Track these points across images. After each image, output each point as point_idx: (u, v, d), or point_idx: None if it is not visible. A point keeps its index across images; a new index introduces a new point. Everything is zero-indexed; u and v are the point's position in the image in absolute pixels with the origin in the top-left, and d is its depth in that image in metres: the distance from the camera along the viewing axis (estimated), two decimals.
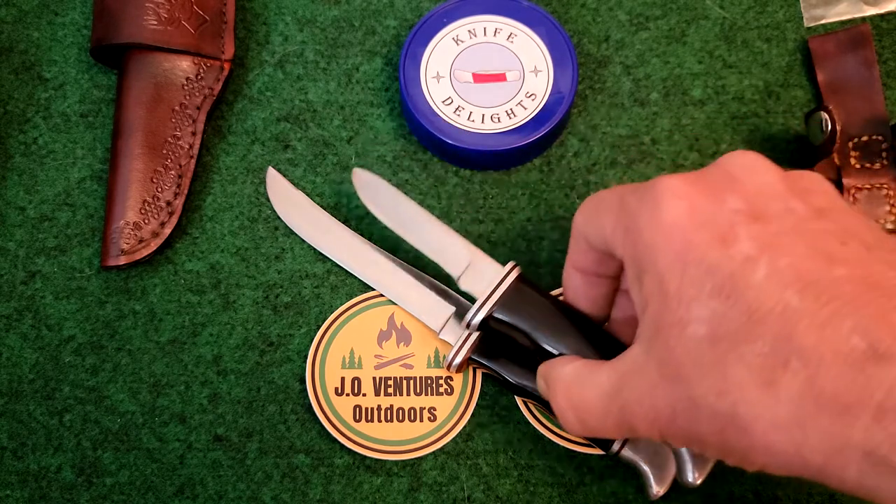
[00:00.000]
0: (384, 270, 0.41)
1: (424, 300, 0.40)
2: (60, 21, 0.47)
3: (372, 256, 0.41)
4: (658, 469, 0.36)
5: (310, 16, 0.47)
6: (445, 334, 0.40)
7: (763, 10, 0.47)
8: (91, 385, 0.41)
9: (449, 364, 0.39)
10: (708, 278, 0.25)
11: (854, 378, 0.23)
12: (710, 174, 0.28)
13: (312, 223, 0.42)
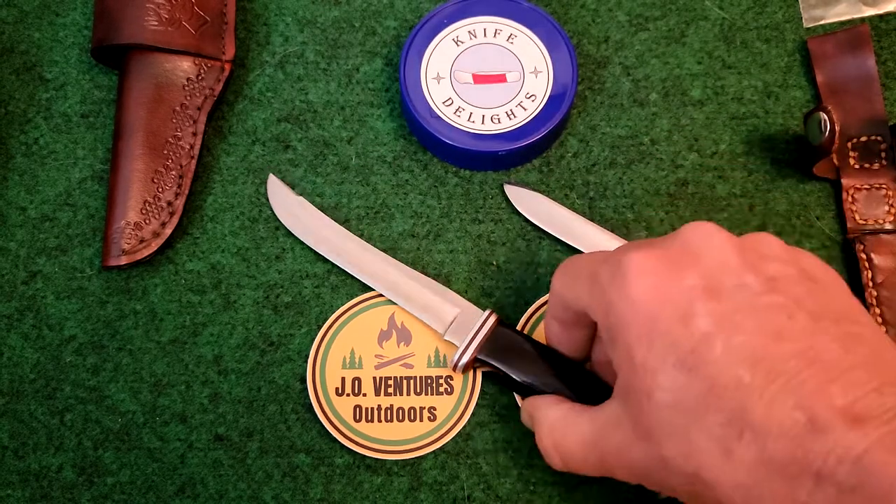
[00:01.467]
0: (387, 274, 0.42)
1: (429, 302, 0.41)
2: (61, 22, 0.47)
3: (375, 260, 0.42)
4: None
5: (310, 16, 0.47)
6: (451, 335, 0.40)
7: (762, 11, 0.47)
8: (92, 385, 0.41)
9: (455, 365, 0.39)
10: (671, 351, 0.28)
11: (796, 449, 0.26)
12: (672, 248, 0.30)
13: (316, 229, 0.43)
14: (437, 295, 0.41)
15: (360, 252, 0.42)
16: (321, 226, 0.43)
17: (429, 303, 0.41)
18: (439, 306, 0.41)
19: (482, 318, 0.39)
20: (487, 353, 0.39)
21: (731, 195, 0.44)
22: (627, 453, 0.30)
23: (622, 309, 0.29)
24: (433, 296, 0.41)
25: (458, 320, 0.40)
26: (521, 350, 0.38)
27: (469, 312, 0.40)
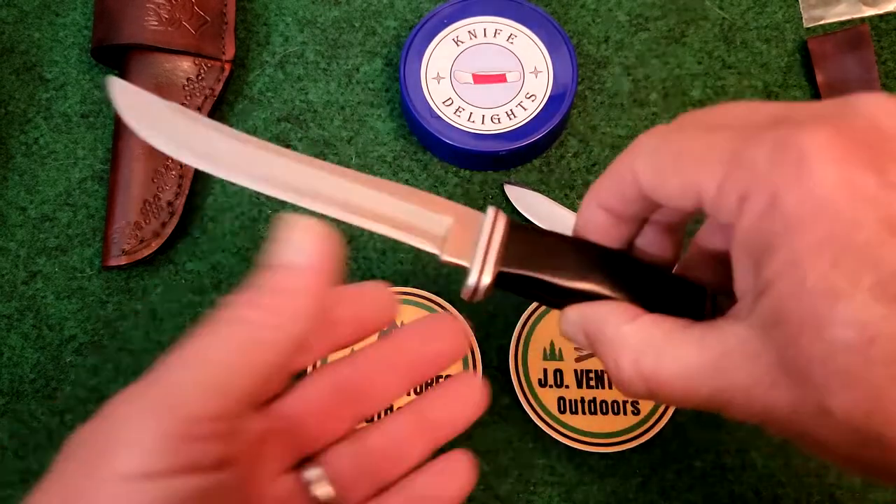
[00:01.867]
0: (332, 186, 0.28)
1: (405, 215, 0.29)
2: (61, 22, 0.47)
3: (307, 170, 0.28)
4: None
5: (310, 16, 0.47)
6: (452, 253, 0.28)
7: (762, 11, 0.47)
8: (92, 385, 0.41)
9: (474, 290, 0.28)
10: (868, 270, 0.21)
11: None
12: (856, 128, 0.22)
13: (199, 138, 0.29)
14: (414, 203, 0.29)
15: (280, 163, 0.28)
16: (207, 134, 0.29)
17: (405, 216, 0.28)
18: (423, 218, 0.29)
19: (488, 220, 0.29)
20: (513, 262, 0.28)
21: None
22: (763, 394, 0.23)
23: (796, 204, 0.22)
24: (409, 205, 0.29)
25: (454, 232, 0.29)
26: (557, 248, 0.29)
27: (467, 218, 0.29)
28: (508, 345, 0.41)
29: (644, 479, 0.39)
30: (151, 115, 0.28)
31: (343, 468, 0.27)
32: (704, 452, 0.40)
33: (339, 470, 0.27)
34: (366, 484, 0.27)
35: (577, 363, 0.40)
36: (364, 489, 0.27)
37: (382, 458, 0.27)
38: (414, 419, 0.28)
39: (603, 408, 0.40)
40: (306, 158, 0.28)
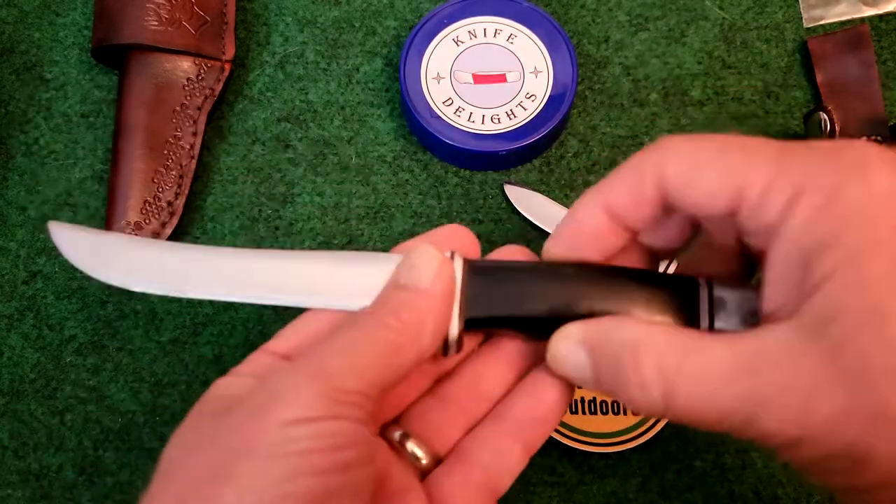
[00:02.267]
0: (285, 271, 0.28)
1: (357, 279, 0.27)
2: (61, 22, 0.47)
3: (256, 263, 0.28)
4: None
5: (310, 16, 0.47)
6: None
7: (762, 11, 0.47)
8: (92, 385, 0.41)
9: (445, 346, 0.27)
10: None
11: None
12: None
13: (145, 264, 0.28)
14: (360, 266, 0.28)
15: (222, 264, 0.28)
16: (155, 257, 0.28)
17: (359, 283, 0.27)
18: (372, 281, 0.27)
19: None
20: (478, 306, 0.27)
21: None
22: (805, 397, 0.22)
23: (857, 200, 0.22)
24: (356, 269, 0.28)
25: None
26: (522, 280, 0.27)
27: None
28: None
29: (644, 479, 0.39)
30: (96, 251, 0.29)
31: (428, 421, 0.28)
32: (704, 452, 0.40)
33: (422, 423, 0.28)
34: (454, 428, 0.28)
35: None
36: (453, 433, 0.28)
37: (464, 399, 0.28)
38: (490, 354, 0.29)
39: (603, 408, 0.40)
40: (235, 251, 0.29)
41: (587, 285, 0.27)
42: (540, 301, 0.27)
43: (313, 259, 0.28)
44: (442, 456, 0.28)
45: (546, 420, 0.28)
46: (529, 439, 0.28)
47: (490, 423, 0.28)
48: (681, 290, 0.27)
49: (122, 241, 0.29)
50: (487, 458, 0.27)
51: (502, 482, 0.27)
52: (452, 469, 0.27)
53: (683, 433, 0.40)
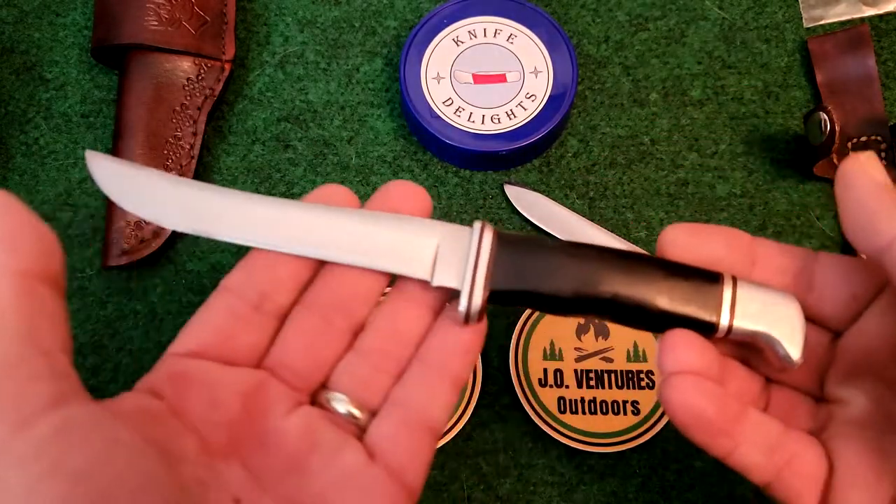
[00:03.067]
0: (315, 227, 0.28)
1: (389, 245, 0.28)
2: (61, 22, 0.47)
3: (289, 213, 0.28)
4: (787, 333, 0.27)
5: (310, 16, 0.47)
6: (442, 277, 0.28)
7: (762, 11, 0.47)
8: (92, 385, 0.41)
9: (466, 314, 0.27)
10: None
11: None
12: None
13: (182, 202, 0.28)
14: (397, 231, 0.28)
15: (265, 210, 0.28)
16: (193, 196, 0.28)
17: (390, 246, 0.28)
18: (408, 245, 0.28)
19: (475, 236, 0.28)
20: (504, 278, 0.27)
21: (731, 195, 0.44)
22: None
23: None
24: (392, 234, 0.28)
25: (441, 253, 0.28)
26: (550, 255, 0.27)
27: (453, 237, 0.28)
28: (508, 345, 0.41)
29: (644, 479, 0.39)
30: (135, 187, 0.28)
31: (354, 377, 0.28)
32: (704, 452, 0.39)
33: (350, 380, 0.28)
34: (383, 378, 0.28)
35: (577, 363, 0.41)
36: (384, 383, 0.28)
37: (386, 348, 0.28)
38: (401, 298, 0.29)
39: (603, 408, 0.40)
40: (280, 201, 0.28)
41: (613, 268, 0.27)
42: (566, 280, 0.27)
43: (358, 218, 0.28)
44: (376, 408, 0.28)
45: (468, 350, 0.28)
46: (456, 373, 0.28)
47: (416, 365, 0.28)
48: (705, 284, 0.27)
49: (162, 178, 0.28)
50: (419, 398, 0.27)
51: (439, 418, 0.27)
52: (389, 415, 0.27)
53: None
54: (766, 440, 0.26)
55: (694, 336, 0.26)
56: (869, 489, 0.26)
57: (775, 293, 0.27)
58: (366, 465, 0.26)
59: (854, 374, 0.27)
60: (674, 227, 0.28)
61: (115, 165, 0.28)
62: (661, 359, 0.26)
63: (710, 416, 0.25)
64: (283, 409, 0.27)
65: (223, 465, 0.25)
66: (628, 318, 0.28)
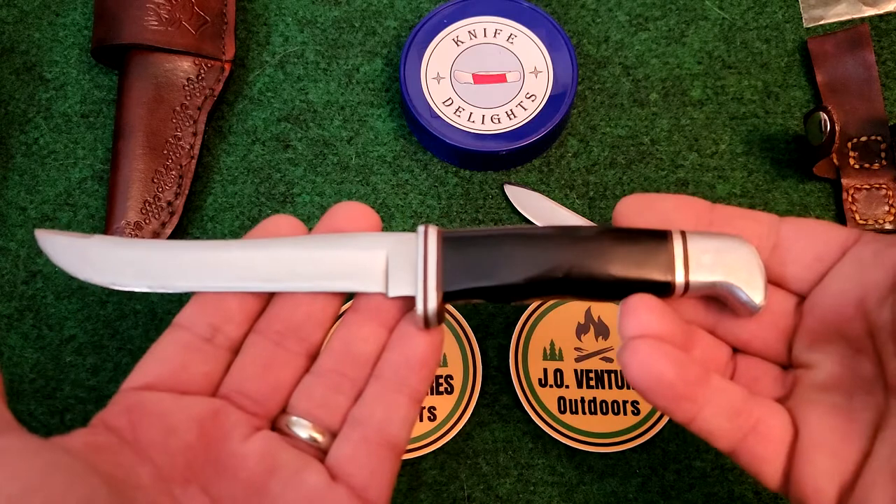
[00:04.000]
0: (268, 260, 0.28)
1: (339, 266, 0.28)
2: (61, 22, 0.47)
3: (238, 256, 0.29)
4: (746, 278, 0.27)
5: (310, 16, 0.47)
6: (396, 287, 0.28)
7: (762, 11, 0.47)
8: (92, 385, 0.41)
9: (425, 319, 0.27)
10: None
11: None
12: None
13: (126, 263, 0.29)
14: (344, 249, 0.28)
15: (212, 255, 0.29)
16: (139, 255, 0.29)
17: (339, 266, 0.28)
18: (357, 262, 0.28)
19: (419, 239, 0.28)
20: (455, 278, 0.27)
21: (731, 195, 0.44)
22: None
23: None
24: (340, 253, 0.28)
25: (392, 264, 0.28)
26: (497, 246, 0.27)
27: (400, 246, 0.28)
28: (508, 345, 0.41)
29: (644, 479, 0.39)
30: (87, 257, 0.29)
31: (312, 400, 0.28)
32: (704, 452, 0.40)
33: (309, 404, 0.28)
34: (341, 398, 0.28)
35: (577, 363, 0.41)
36: (342, 403, 0.28)
37: (342, 368, 0.28)
38: (357, 319, 0.29)
39: (603, 408, 0.40)
40: (225, 243, 0.29)
41: (561, 247, 0.27)
42: (516, 268, 0.27)
43: (303, 245, 0.28)
44: (337, 429, 0.28)
45: (424, 364, 0.28)
46: (413, 388, 0.28)
47: (373, 383, 0.28)
48: (653, 244, 0.27)
49: (109, 243, 0.29)
50: (378, 416, 0.27)
51: (399, 434, 0.28)
52: (349, 436, 0.27)
53: (683, 433, 0.40)
54: (729, 405, 0.26)
55: (652, 300, 0.26)
56: (835, 452, 0.25)
57: (726, 239, 0.27)
58: (328, 486, 0.26)
59: (820, 337, 0.27)
60: (628, 197, 0.29)
61: (64, 240, 0.29)
62: (621, 324, 0.26)
63: (669, 379, 0.25)
64: (241, 435, 0.27)
65: (181, 490, 0.26)
66: (586, 292, 0.27)
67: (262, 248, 0.28)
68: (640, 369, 0.25)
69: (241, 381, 0.28)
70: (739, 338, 0.29)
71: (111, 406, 0.27)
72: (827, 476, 0.25)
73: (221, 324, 0.28)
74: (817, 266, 0.27)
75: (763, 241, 0.28)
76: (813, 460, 0.26)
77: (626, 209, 0.28)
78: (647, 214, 0.28)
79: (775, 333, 0.28)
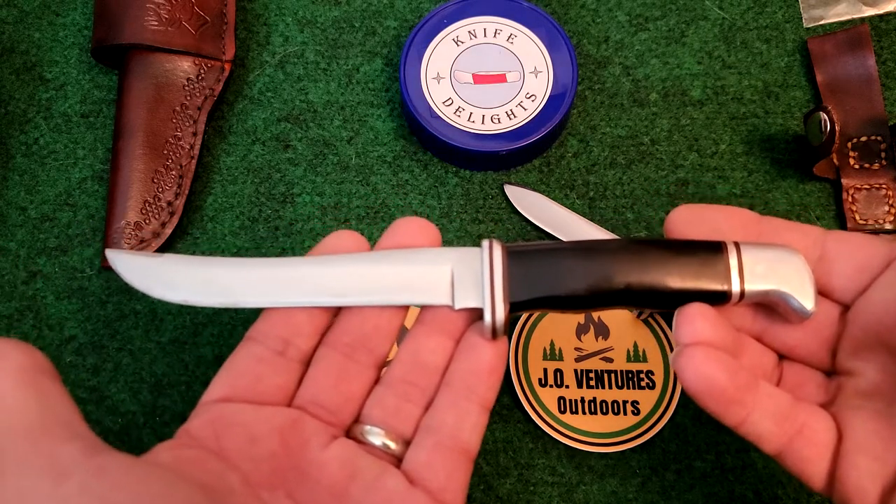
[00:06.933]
0: (335, 276, 0.30)
1: (407, 281, 0.29)
2: (61, 22, 0.47)
3: (310, 272, 0.30)
4: (797, 286, 0.28)
5: (310, 16, 0.47)
6: (463, 299, 0.29)
7: (762, 11, 0.47)
8: (92, 385, 0.41)
9: (493, 330, 0.29)
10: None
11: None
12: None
13: (206, 280, 0.30)
14: (410, 265, 0.29)
15: (282, 272, 0.30)
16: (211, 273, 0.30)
17: (406, 281, 0.29)
18: (425, 277, 0.29)
19: (484, 253, 0.29)
20: (521, 289, 0.29)
21: (731, 195, 0.44)
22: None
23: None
24: (406, 268, 0.29)
25: (457, 277, 0.29)
26: (561, 258, 0.29)
27: (465, 259, 0.30)
28: (508, 345, 0.41)
29: (644, 479, 0.39)
30: (158, 276, 0.30)
31: (385, 409, 0.29)
32: (704, 452, 0.40)
33: (382, 413, 0.29)
34: (413, 407, 0.29)
35: (577, 363, 0.41)
36: (414, 412, 0.29)
37: (411, 377, 0.29)
38: (424, 331, 0.30)
39: (603, 408, 0.40)
40: (292, 260, 0.30)
41: (621, 259, 0.28)
42: (579, 279, 0.28)
43: (370, 261, 0.30)
44: (410, 437, 0.29)
45: (492, 373, 0.29)
46: (482, 396, 0.29)
47: (443, 392, 0.29)
48: (710, 255, 0.28)
49: (180, 262, 0.30)
50: (450, 423, 0.28)
51: (471, 440, 0.29)
52: (423, 442, 0.28)
53: (683, 433, 0.40)
54: (776, 410, 0.27)
55: (707, 309, 0.27)
56: (877, 456, 0.27)
57: (778, 250, 0.28)
58: (407, 489, 0.27)
59: (863, 346, 0.28)
60: (679, 209, 0.30)
61: (135, 259, 0.30)
62: (677, 331, 0.27)
63: (722, 385, 0.26)
64: (320, 442, 0.28)
65: (269, 495, 0.26)
66: (644, 302, 0.29)
67: (330, 265, 0.29)
68: (695, 375, 0.26)
69: (315, 392, 0.29)
70: (786, 345, 0.30)
71: (194, 418, 0.28)
72: (870, 478, 0.27)
73: (292, 337, 0.29)
74: (861, 277, 0.28)
75: (809, 253, 0.29)
76: (856, 463, 0.27)
77: (678, 220, 0.30)
78: (698, 225, 0.29)
79: (820, 341, 0.29)
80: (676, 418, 0.40)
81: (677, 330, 0.27)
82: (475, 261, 0.29)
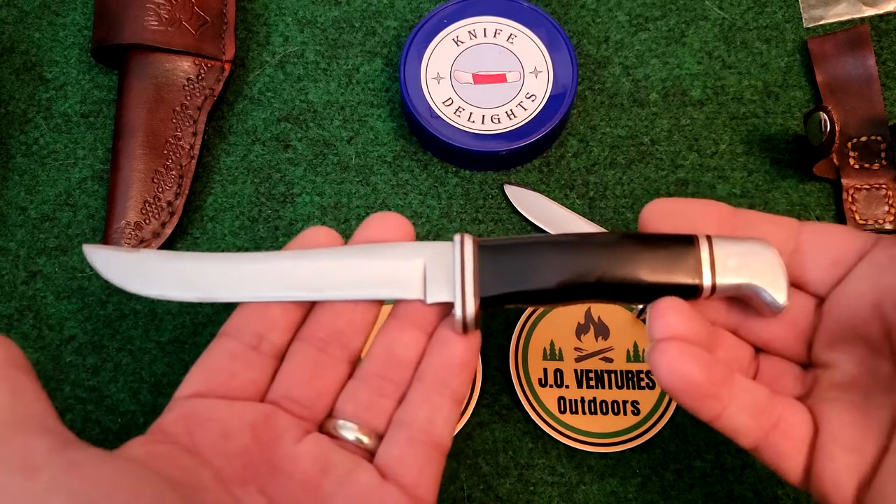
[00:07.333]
0: (306, 272, 0.30)
1: (378, 275, 0.29)
2: (61, 22, 0.47)
3: (281, 265, 0.30)
4: (770, 280, 0.28)
5: (310, 17, 0.47)
6: (434, 294, 0.29)
7: (762, 11, 0.47)
8: (92, 385, 0.41)
9: (463, 324, 0.29)
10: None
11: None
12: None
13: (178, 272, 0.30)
14: (382, 259, 0.29)
15: (256, 266, 0.30)
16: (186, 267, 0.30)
17: (378, 275, 0.29)
18: (395, 270, 0.29)
19: (455, 248, 0.29)
20: (492, 284, 0.28)
21: (731, 195, 0.44)
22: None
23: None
24: (379, 262, 0.29)
25: (429, 272, 0.29)
26: (532, 253, 0.28)
27: (437, 254, 0.29)
28: (508, 345, 0.41)
29: (644, 479, 0.39)
30: (134, 271, 0.30)
31: (358, 403, 0.29)
32: (704, 452, 0.40)
33: (355, 407, 0.29)
34: (386, 401, 0.29)
35: (577, 363, 0.41)
36: (387, 406, 0.29)
37: (384, 372, 0.29)
38: (397, 325, 0.30)
39: (603, 408, 0.40)
40: (267, 255, 0.30)
41: (593, 253, 0.28)
42: (550, 274, 0.28)
43: (343, 255, 0.29)
44: (383, 431, 0.29)
45: (463, 367, 0.29)
46: (454, 390, 0.29)
47: (416, 386, 0.29)
48: (681, 248, 0.28)
49: (156, 257, 0.30)
50: (423, 417, 0.28)
51: (443, 434, 0.29)
52: (395, 436, 0.29)
53: (683, 433, 0.40)
54: (752, 403, 0.27)
55: (680, 303, 0.27)
56: (853, 448, 0.27)
57: (751, 243, 0.28)
58: (379, 484, 0.27)
59: (838, 338, 0.28)
60: (654, 202, 0.30)
61: (112, 254, 0.30)
62: (650, 327, 0.27)
63: (697, 379, 0.26)
64: (292, 437, 0.28)
65: (241, 491, 0.26)
66: (616, 296, 0.28)
67: (304, 259, 0.29)
68: (669, 370, 0.26)
69: (288, 386, 0.29)
70: (761, 338, 0.30)
71: (167, 414, 0.28)
72: (846, 471, 0.26)
73: (266, 332, 0.29)
74: (836, 269, 0.28)
75: (784, 245, 0.29)
76: (832, 456, 0.27)
77: (652, 213, 0.29)
78: (672, 219, 0.29)
79: (795, 334, 0.29)
80: (676, 418, 0.40)
81: (650, 325, 0.27)
82: (447, 255, 0.29)
